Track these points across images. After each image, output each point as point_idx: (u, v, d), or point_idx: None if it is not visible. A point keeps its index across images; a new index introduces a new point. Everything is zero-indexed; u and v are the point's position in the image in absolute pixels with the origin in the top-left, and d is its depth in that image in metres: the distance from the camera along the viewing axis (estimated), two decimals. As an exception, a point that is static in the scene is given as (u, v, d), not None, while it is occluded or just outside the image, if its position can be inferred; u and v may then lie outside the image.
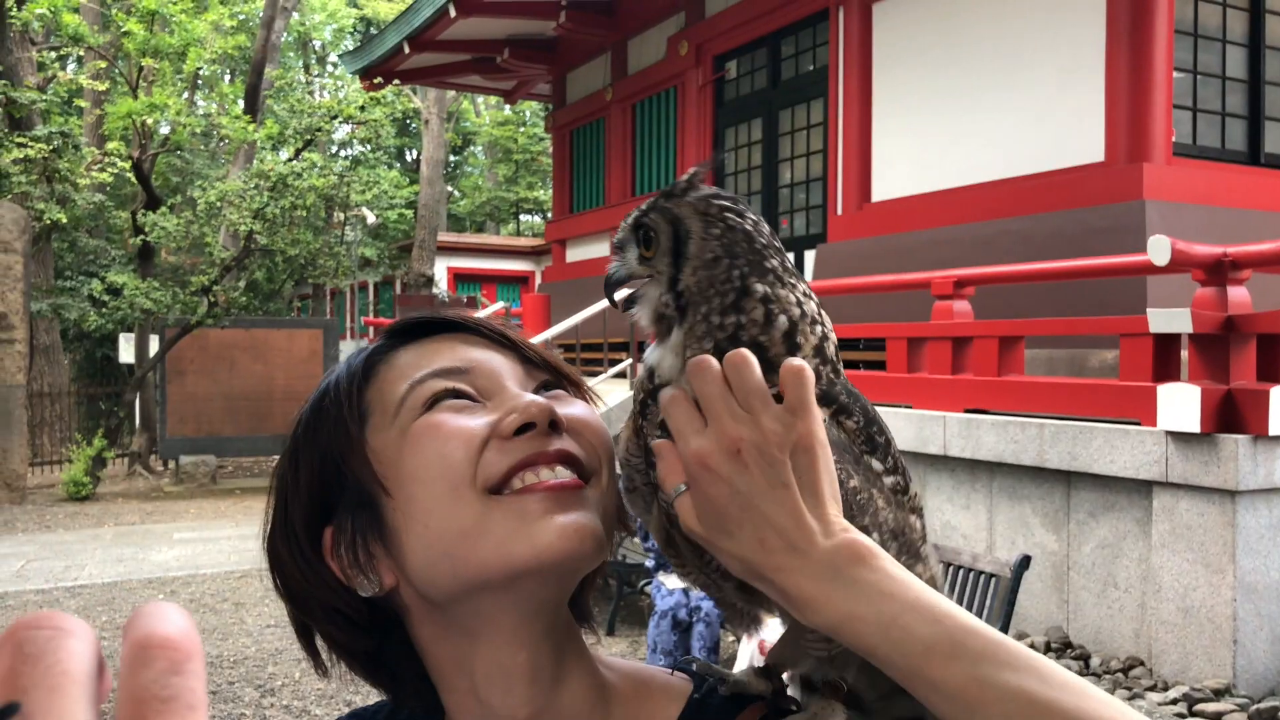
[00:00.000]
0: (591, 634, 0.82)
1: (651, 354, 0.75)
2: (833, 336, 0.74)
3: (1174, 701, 4.40)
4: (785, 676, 0.79)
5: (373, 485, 0.73)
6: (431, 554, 0.71)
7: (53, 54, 16.25)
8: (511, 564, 0.69)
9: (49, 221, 13.23)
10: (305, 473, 0.76)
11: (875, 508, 0.70)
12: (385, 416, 0.74)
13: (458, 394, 0.74)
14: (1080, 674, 4.83)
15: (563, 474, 0.71)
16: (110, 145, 14.00)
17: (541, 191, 31.78)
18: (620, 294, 0.78)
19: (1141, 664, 4.89)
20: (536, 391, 0.76)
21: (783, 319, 0.72)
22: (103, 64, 14.71)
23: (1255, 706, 4.28)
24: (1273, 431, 4.46)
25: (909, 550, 0.72)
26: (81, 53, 15.71)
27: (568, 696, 0.76)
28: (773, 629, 0.81)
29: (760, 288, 0.72)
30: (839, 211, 9.61)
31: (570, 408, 0.76)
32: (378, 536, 0.74)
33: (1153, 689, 4.63)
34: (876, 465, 0.72)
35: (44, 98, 14.00)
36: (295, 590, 0.77)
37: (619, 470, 0.78)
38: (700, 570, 0.77)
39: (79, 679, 0.30)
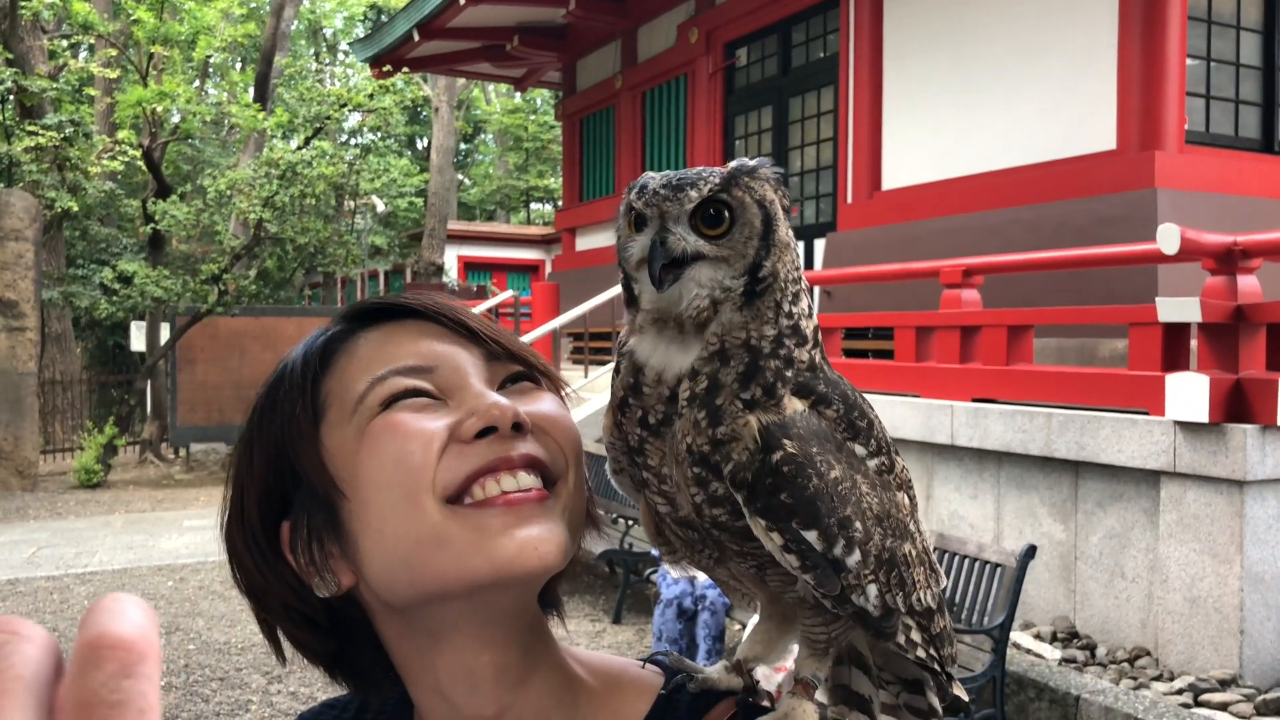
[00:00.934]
0: (559, 623, 0.81)
1: (649, 351, 0.71)
2: (816, 320, 0.74)
3: (1180, 691, 4.38)
4: (757, 673, 0.79)
5: (328, 486, 0.71)
6: (388, 560, 0.70)
7: (64, 42, 16.30)
8: (470, 577, 0.68)
9: (60, 210, 13.28)
10: (260, 464, 0.74)
11: (859, 494, 0.69)
12: (343, 413, 0.72)
13: (419, 393, 0.71)
14: (1086, 664, 4.83)
15: (525, 482, 0.69)
16: (121, 133, 14.03)
17: (552, 179, 31.75)
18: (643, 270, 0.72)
19: (1148, 654, 4.87)
20: (502, 386, 0.74)
21: (815, 315, 0.73)
22: (113, 52, 14.73)
23: (1261, 697, 4.26)
24: (1282, 421, 4.42)
25: (896, 530, 0.72)
26: (92, 40, 15.72)
27: (534, 693, 0.75)
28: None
29: (805, 280, 0.73)
30: (849, 200, 9.57)
31: (537, 404, 0.74)
32: (334, 537, 0.72)
33: (1158, 679, 4.61)
34: (859, 450, 0.71)
35: (55, 86, 14.03)
36: (254, 585, 0.75)
37: (605, 453, 0.77)
38: (690, 559, 0.77)
39: (31, 684, 0.29)
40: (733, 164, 0.72)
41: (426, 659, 0.74)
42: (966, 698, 0.80)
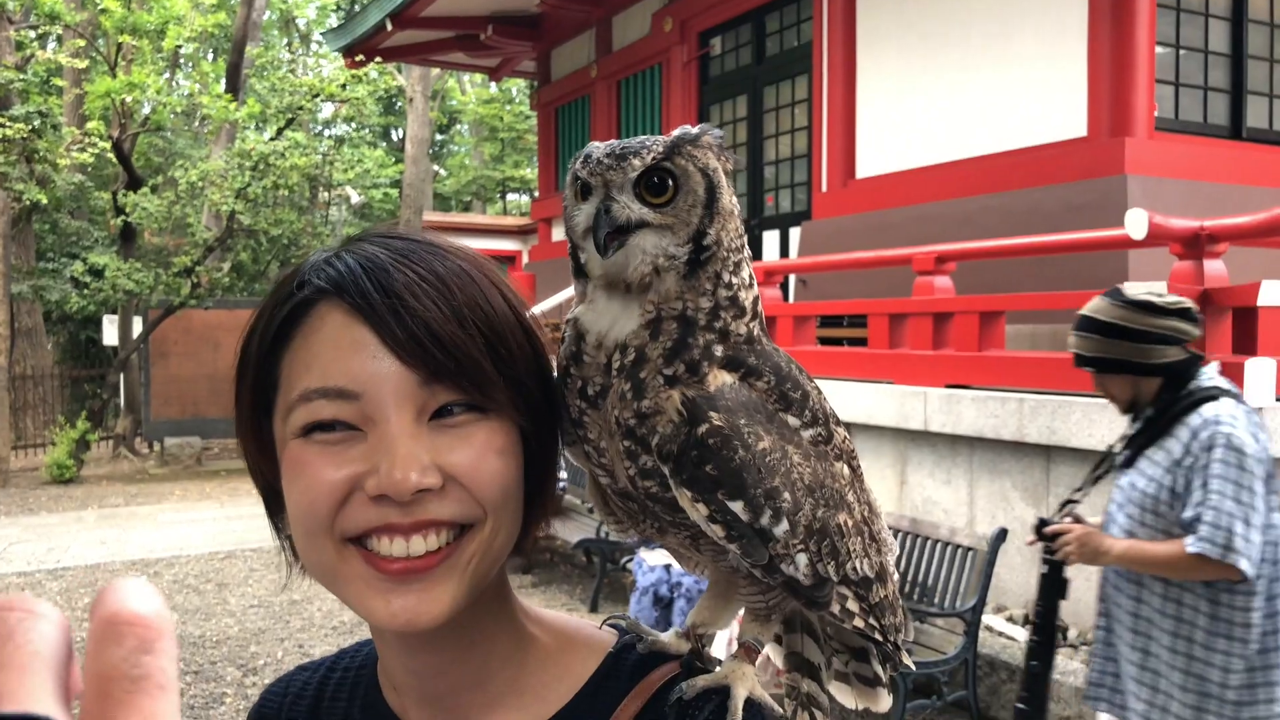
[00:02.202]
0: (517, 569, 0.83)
1: (594, 318, 0.71)
2: (757, 290, 0.75)
3: (1149, 672, 4.43)
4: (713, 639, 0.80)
5: (270, 478, 0.75)
6: (308, 565, 0.74)
7: (31, 33, 16.03)
8: (360, 615, 0.72)
9: (29, 202, 13.10)
10: (247, 389, 0.75)
11: (789, 464, 0.70)
12: (284, 406, 0.72)
13: (338, 424, 0.70)
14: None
15: (417, 548, 0.69)
16: (90, 125, 13.83)
17: (528, 170, 31.61)
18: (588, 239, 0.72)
19: (1119, 635, 4.92)
20: (435, 416, 0.70)
21: (756, 286, 0.73)
22: (81, 42, 14.53)
23: (1229, 676, 4.31)
24: (1248, 404, 4.47)
25: (830, 500, 0.72)
26: (59, 31, 15.49)
27: (479, 651, 0.77)
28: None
29: (748, 249, 0.74)
30: (824, 188, 9.59)
31: (461, 447, 0.70)
32: (280, 507, 0.75)
33: (1129, 660, 4.66)
34: (793, 420, 0.72)
35: (22, 77, 13.82)
36: (253, 476, 0.79)
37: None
38: (635, 529, 0.78)
39: (49, 660, 0.30)
40: (676, 132, 0.72)
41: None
42: (914, 668, 0.82)
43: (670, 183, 0.71)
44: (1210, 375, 2.80)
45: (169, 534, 9.05)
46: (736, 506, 0.67)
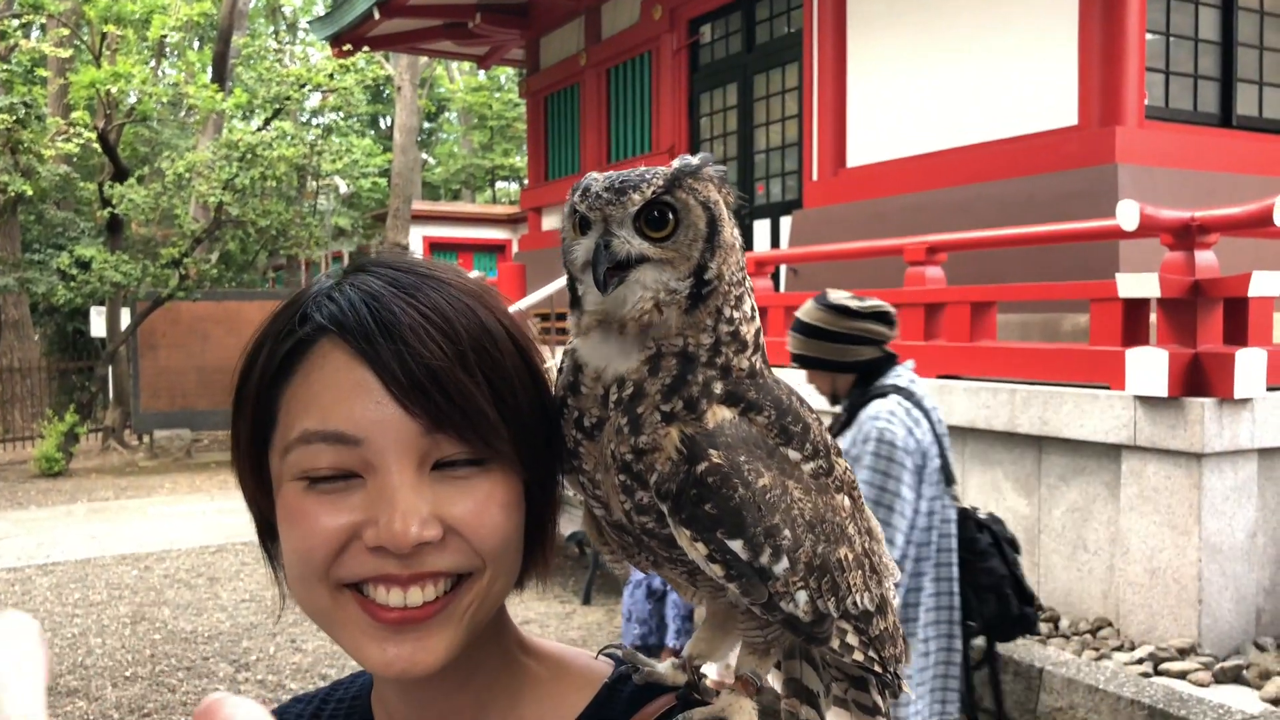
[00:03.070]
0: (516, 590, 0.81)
1: (591, 352, 0.70)
2: (759, 322, 0.73)
3: (1140, 661, 4.46)
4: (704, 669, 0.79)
5: (268, 511, 0.74)
6: (302, 606, 0.73)
7: (14, 21, 15.88)
8: (355, 659, 0.71)
9: (14, 194, 13.03)
10: (245, 424, 0.74)
11: (789, 501, 0.69)
12: (281, 444, 0.70)
13: (337, 472, 0.68)
14: (1050, 635, 4.90)
15: (415, 599, 0.68)
16: (75, 115, 13.72)
17: (517, 158, 31.51)
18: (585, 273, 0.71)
19: (1109, 625, 4.95)
20: (437, 467, 0.69)
21: (758, 318, 0.72)
22: (65, 31, 14.39)
23: (1219, 665, 4.34)
24: (1238, 394, 4.49)
25: (831, 534, 0.72)
26: (44, 20, 15.34)
27: (473, 688, 0.76)
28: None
29: (749, 280, 0.73)
30: (814, 177, 9.57)
31: (461, 499, 0.69)
32: (275, 537, 0.75)
33: (1120, 649, 4.69)
34: (793, 455, 0.71)
35: (6, 67, 13.71)
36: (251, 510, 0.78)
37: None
38: (630, 560, 0.78)
39: None
40: (676, 164, 0.71)
41: None
42: (914, 695, 0.81)
43: (671, 217, 0.69)
44: (898, 373, 3.02)
45: (159, 527, 9.02)
46: (736, 545, 0.67)
